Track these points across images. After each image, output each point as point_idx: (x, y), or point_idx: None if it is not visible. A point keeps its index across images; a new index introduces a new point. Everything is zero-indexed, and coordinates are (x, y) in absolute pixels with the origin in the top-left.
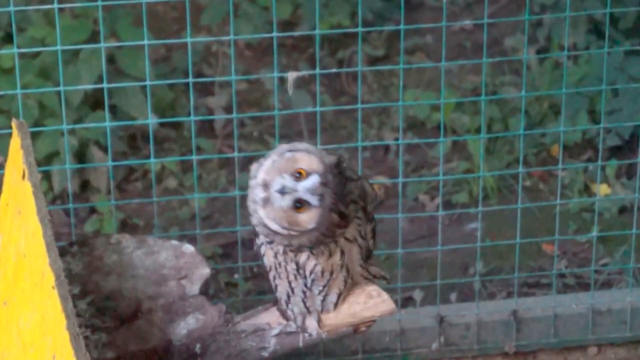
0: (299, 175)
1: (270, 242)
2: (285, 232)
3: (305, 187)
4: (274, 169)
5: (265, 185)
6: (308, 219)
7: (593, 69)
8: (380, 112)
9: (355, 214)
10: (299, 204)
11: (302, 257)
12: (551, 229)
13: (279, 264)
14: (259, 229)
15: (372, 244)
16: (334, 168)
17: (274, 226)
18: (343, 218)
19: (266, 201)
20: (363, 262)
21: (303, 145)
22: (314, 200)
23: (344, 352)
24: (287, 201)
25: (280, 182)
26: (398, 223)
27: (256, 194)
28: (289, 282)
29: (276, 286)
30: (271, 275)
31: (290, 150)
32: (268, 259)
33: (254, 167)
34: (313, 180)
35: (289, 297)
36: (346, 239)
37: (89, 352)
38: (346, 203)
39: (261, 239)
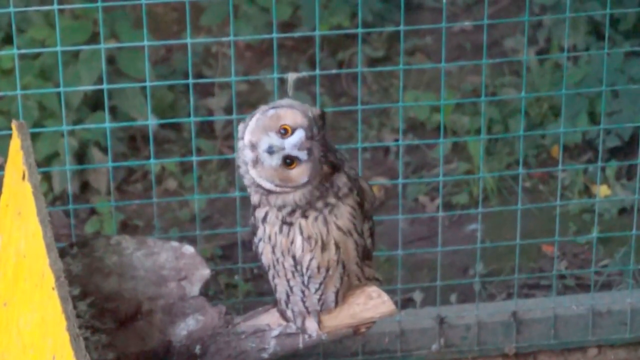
0: (284, 132)
1: (264, 208)
2: (279, 189)
3: (292, 143)
4: (258, 128)
5: (253, 146)
6: (300, 173)
7: (593, 70)
8: (380, 113)
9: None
10: (289, 161)
11: (298, 249)
12: (551, 230)
13: (277, 260)
14: (252, 189)
15: (371, 244)
16: (318, 119)
17: (267, 185)
18: (334, 168)
19: (256, 161)
20: (359, 261)
21: (285, 101)
22: (302, 155)
23: (344, 353)
24: (276, 160)
25: (267, 142)
26: (398, 224)
27: (245, 155)
28: (288, 281)
29: (275, 286)
30: (270, 274)
31: (273, 107)
32: (266, 257)
33: (240, 127)
34: (299, 135)
35: (288, 296)
36: (339, 228)
37: (89, 353)
38: (334, 151)
39: (258, 236)
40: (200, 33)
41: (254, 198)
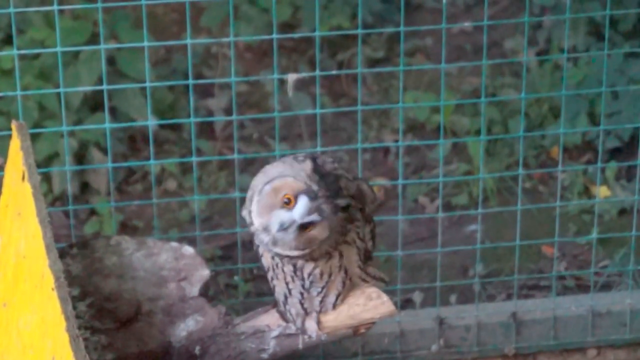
0: (288, 202)
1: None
2: (307, 251)
3: (300, 213)
4: (262, 209)
5: (265, 228)
6: (320, 232)
7: (593, 71)
8: (380, 114)
9: (354, 215)
10: (305, 227)
11: (300, 260)
12: (551, 231)
13: (277, 265)
14: (284, 260)
15: (372, 246)
16: (313, 173)
17: (296, 253)
18: (345, 209)
19: (275, 241)
20: (361, 264)
21: (274, 170)
22: (315, 217)
23: (344, 354)
24: (292, 233)
25: (276, 221)
26: (398, 225)
27: (262, 239)
28: (286, 284)
29: (274, 287)
30: (269, 275)
31: (266, 183)
32: (266, 260)
33: (244, 213)
34: (303, 202)
35: (286, 298)
36: (345, 241)
37: (89, 354)
38: (341, 193)
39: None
40: (200, 34)
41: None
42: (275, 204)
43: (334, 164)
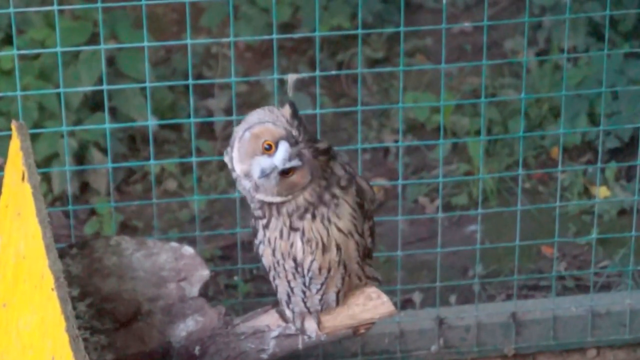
0: (268, 148)
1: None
2: (290, 197)
3: (280, 158)
4: (243, 155)
5: (247, 175)
6: (301, 176)
7: (593, 72)
8: (380, 114)
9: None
10: (286, 172)
11: (299, 251)
12: (551, 231)
13: (277, 262)
14: (263, 209)
15: (371, 243)
16: (292, 119)
17: (277, 199)
18: (326, 153)
19: (257, 187)
20: (360, 260)
21: (254, 117)
22: (296, 163)
23: (344, 354)
24: (273, 179)
25: (257, 167)
26: (398, 225)
27: (244, 185)
28: (288, 282)
29: (276, 287)
30: (271, 275)
31: (246, 130)
32: (267, 259)
33: (226, 159)
34: (283, 148)
35: (289, 297)
36: (340, 230)
37: (88, 354)
38: (315, 139)
39: (259, 238)
40: (200, 34)
41: (259, 212)
42: (256, 150)
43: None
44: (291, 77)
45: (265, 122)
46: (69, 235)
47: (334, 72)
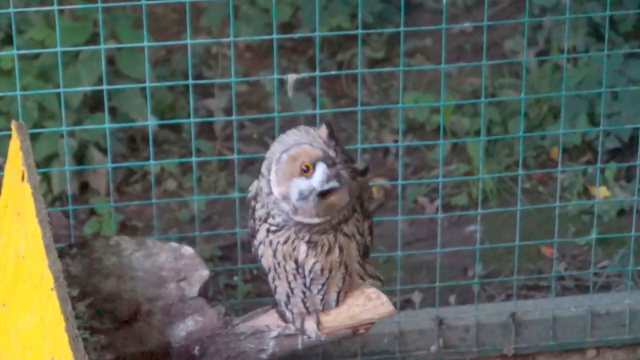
0: (306, 169)
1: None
2: (328, 217)
3: (319, 180)
4: (281, 178)
5: (285, 197)
6: (340, 197)
7: (592, 72)
8: (379, 114)
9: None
10: (324, 194)
11: (301, 254)
12: (550, 231)
13: (278, 263)
14: (304, 230)
15: (370, 241)
16: (329, 139)
17: (317, 220)
18: (364, 173)
19: (295, 209)
20: (361, 260)
21: (291, 138)
22: (334, 184)
23: (343, 354)
24: (312, 201)
25: (296, 190)
26: (397, 225)
27: (283, 208)
28: (289, 283)
29: (275, 287)
30: (270, 276)
31: (284, 152)
32: (267, 260)
33: (263, 184)
34: (321, 169)
35: (288, 297)
36: (345, 234)
37: (88, 354)
38: (352, 159)
39: (258, 239)
40: (200, 34)
41: (278, 222)
42: (294, 172)
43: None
44: (291, 77)
45: (303, 143)
46: (69, 235)
47: (334, 72)
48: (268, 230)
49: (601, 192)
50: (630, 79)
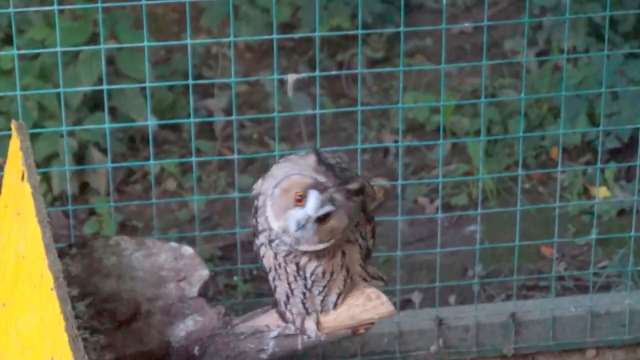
0: (300, 199)
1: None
2: (333, 241)
3: (312, 207)
4: (277, 212)
5: (284, 230)
6: (338, 220)
7: (592, 72)
8: (379, 114)
9: (370, 195)
10: (322, 219)
11: (303, 259)
12: (550, 231)
13: (279, 265)
14: (287, 259)
15: (372, 244)
16: (319, 166)
17: (321, 246)
18: (359, 193)
19: (297, 240)
20: (363, 262)
21: (280, 171)
22: (329, 208)
23: (343, 354)
24: (310, 229)
25: (293, 221)
26: (397, 225)
27: (285, 241)
28: (289, 284)
29: (275, 287)
30: (270, 276)
31: (275, 186)
32: (268, 261)
33: (261, 220)
34: (313, 197)
35: (288, 298)
36: (347, 240)
37: (88, 354)
38: (351, 179)
39: (261, 240)
40: (200, 34)
41: (260, 238)
42: (288, 204)
43: (335, 159)
44: (291, 77)
45: (292, 174)
46: (69, 235)
47: (334, 72)
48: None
49: (601, 192)
50: (630, 79)
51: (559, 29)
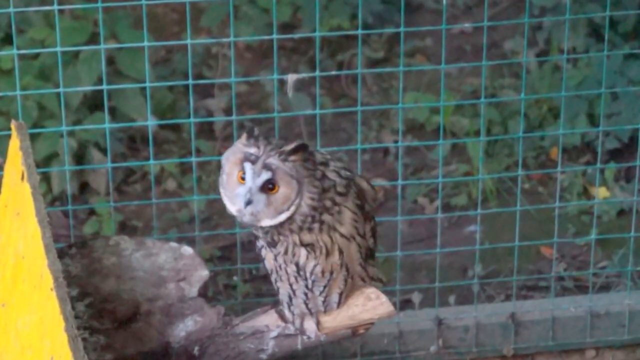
0: (243, 177)
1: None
2: (293, 208)
3: (249, 178)
4: (230, 197)
5: (239, 212)
6: (285, 185)
7: (592, 72)
8: (379, 114)
9: (353, 209)
10: (271, 186)
11: (302, 257)
12: (550, 231)
13: (280, 266)
14: (272, 235)
15: (373, 244)
16: (247, 140)
17: (283, 217)
18: (295, 151)
19: (256, 217)
20: (363, 262)
21: (222, 161)
22: (266, 175)
23: (343, 354)
24: (260, 202)
25: (239, 199)
26: (397, 225)
27: (246, 223)
28: (290, 285)
29: (278, 288)
30: (273, 277)
31: (220, 175)
32: (269, 262)
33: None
34: (247, 168)
35: (290, 299)
36: (342, 235)
37: (87, 354)
38: (285, 143)
39: (261, 242)
40: (200, 34)
41: (269, 240)
42: (236, 186)
43: (325, 156)
44: (291, 77)
45: (227, 158)
46: (69, 235)
47: (334, 72)
48: (269, 246)
49: (601, 192)
50: (630, 80)
51: (559, 29)
